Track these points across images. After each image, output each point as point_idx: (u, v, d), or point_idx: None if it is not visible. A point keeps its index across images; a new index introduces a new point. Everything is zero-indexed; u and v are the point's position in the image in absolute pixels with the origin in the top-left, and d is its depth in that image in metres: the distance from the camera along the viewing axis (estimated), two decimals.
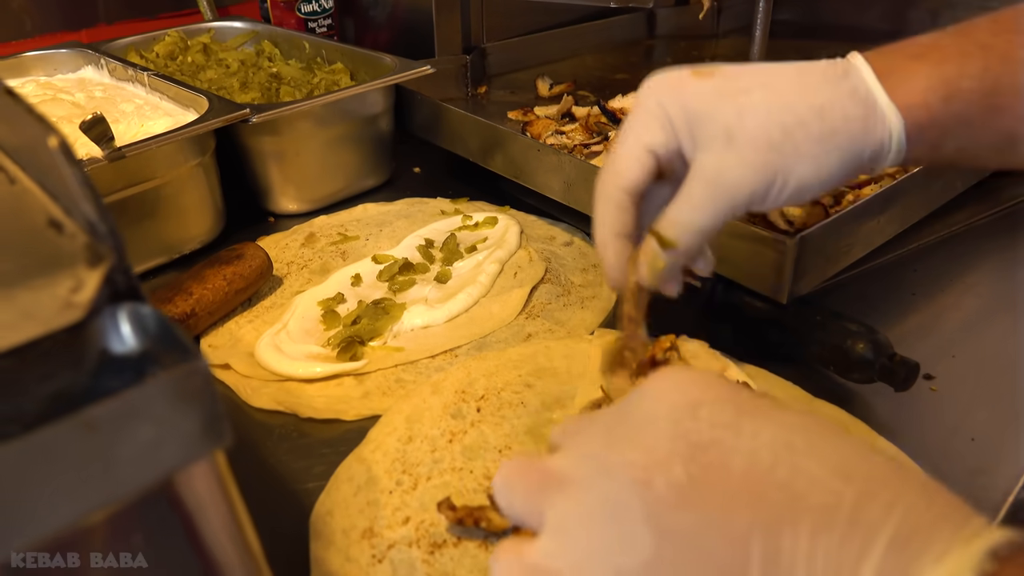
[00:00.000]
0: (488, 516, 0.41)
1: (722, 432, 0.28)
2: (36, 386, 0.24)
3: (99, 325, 0.25)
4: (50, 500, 0.21)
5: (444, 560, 0.41)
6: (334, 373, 0.56)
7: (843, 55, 0.42)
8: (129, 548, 0.25)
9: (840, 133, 0.38)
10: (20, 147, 0.33)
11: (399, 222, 0.78)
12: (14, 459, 0.21)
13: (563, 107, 0.87)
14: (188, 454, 0.24)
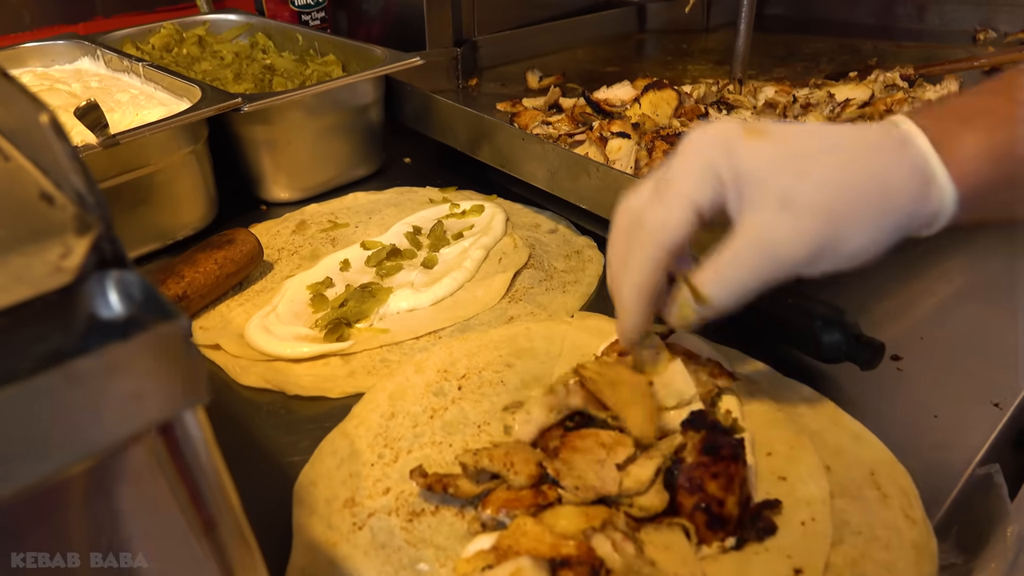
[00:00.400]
0: (456, 483, 0.43)
1: None
2: (28, 345, 0.25)
3: (87, 290, 0.27)
4: (42, 445, 0.23)
5: (422, 527, 0.43)
6: (321, 353, 0.58)
7: (832, 51, 0.44)
8: (115, 503, 0.26)
9: (898, 206, 0.39)
10: (15, 128, 0.35)
11: (388, 210, 0.79)
12: (8, 405, 0.22)
13: (550, 98, 0.89)
14: (169, 408, 0.26)
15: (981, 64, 0.93)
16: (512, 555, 0.38)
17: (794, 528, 0.42)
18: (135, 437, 0.25)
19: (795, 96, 0.83)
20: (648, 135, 0.71)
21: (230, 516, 0.29)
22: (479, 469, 0.43)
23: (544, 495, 0.42)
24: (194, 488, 0.27)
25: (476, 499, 0.43)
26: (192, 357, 0.26)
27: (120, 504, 0.26)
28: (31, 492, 0.23)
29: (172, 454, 0.27)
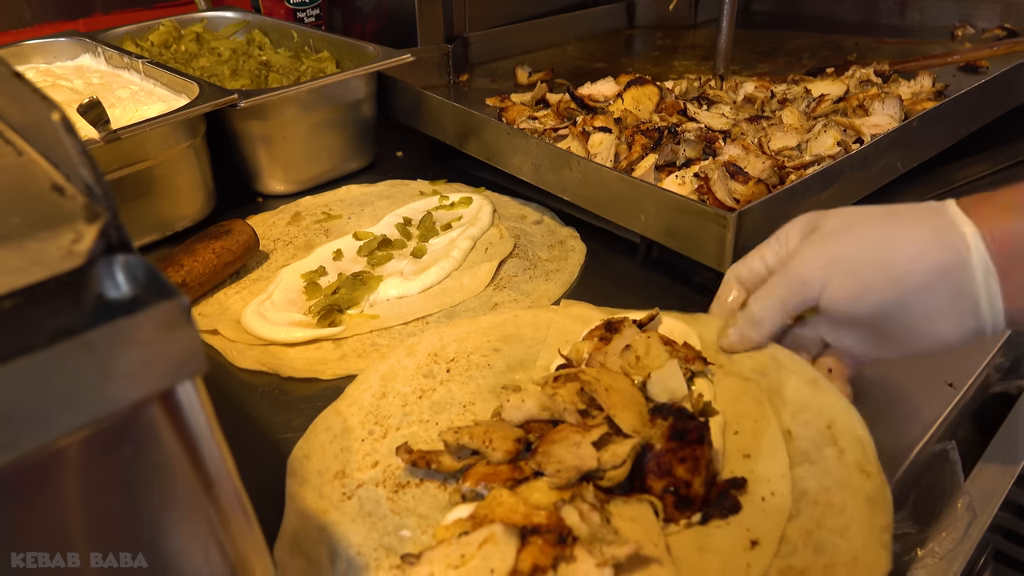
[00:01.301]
0: (439, 459, 0.46)
1: None
2: (43, 321, 0.28)
3: (96, 273, 0.30)
4: (59, 407, 0.26)
5: (407, 498, 0.46)
6: (314, 338, 0.61)
7: (814, 46, 0.48)
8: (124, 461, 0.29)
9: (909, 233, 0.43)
10: (27, 124, 0.38)
11: (380, 202, 0.82)
12: (27, 373, 0.25)
13: (537, 94, 0.92)
14: (171, 377, 0.29)
15: (955, 60, 0.96)
16: (487, 523, 0.41)
17: (755, 504, 0.44)
18: (141, 402, 0.28)
19: (773, 92, 0.86)
20: (629, 130, 0.74)
21: (226, 478, 0.32)
22: (460, 446, 0.46)
23: (520, 470, 0.45)
24: (194, 450, 0.30)
25: (458, 473, 0.46)
26: (191, 332, 0.29)
27: (128, 462, 0.29)
28: (51, 449, 0.26)
29: (174, 418, 0.30)
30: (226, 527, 0.32)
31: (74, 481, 0.28)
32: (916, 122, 0.70)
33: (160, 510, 0.30)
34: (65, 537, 0.28)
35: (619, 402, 0.47)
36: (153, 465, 0.29)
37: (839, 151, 0.70)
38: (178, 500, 0.30)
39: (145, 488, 0.29)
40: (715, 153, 0.73)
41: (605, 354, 0.52)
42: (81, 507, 0.28)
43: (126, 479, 0.29)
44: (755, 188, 0.64)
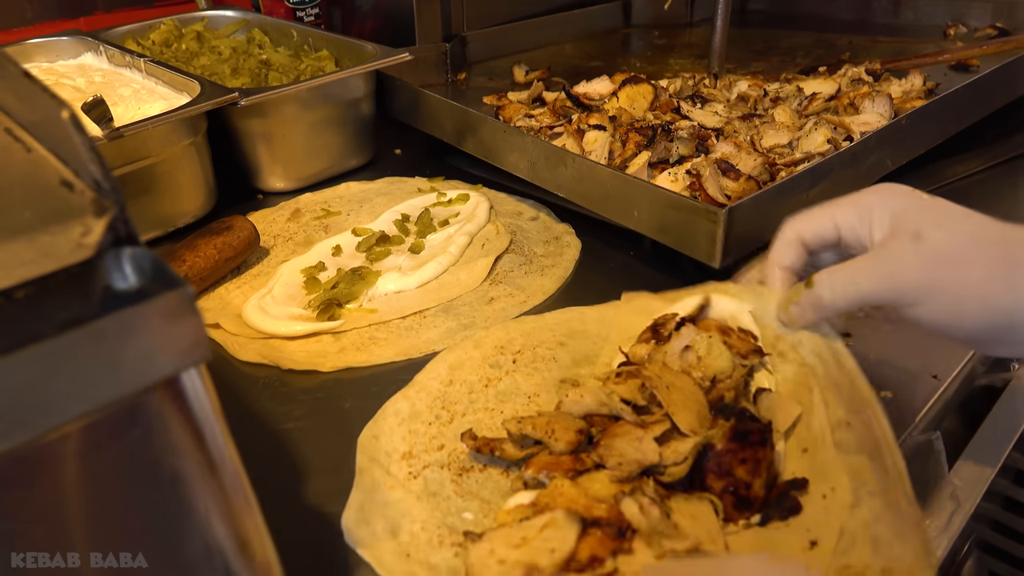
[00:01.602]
0: (502, 447, 0.47)
1: None
2: (54, 311, 0.30)
3: (105, 264, 0.31)
4: (70, 392, 0.27)
5: (470, 482, 0.47)
6: (313, 331, 0.62)
7: (808, 45, 0.48)
8: (132, 445, 0.31)
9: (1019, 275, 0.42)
10: (35, 122, 0.39)
11: (379, 199, 0.84)
12: (42, 358, 0.27)
13: (533, 92, 0.93)
14: (177, 364, 0.30)
15: (946, 59, 0.97)
16: (548, 511, 0.42)
17: (816, 503, 0.43)
18: (148, 389, 0.29)
19: (766, 90, 0.87)
20: (623, 127, 0.76)
21: (229, 462, 0.34)
22: (523, 435, 0.47)
23: (581, 461, 0.45)
24: (199, 434, 0.32)
25: (520, 462, 0.47)
26: (196, 321, 0.30)
27: (137, 445, 0.30)
28: (62, 434, 0.28)
29: (180, 404, 0.31)
30: (229, 509, 0.33)
31: (86, 462, 0.29)
32: (905, 120, 0.72)
33: (167, 492, 0.31)
34: (77, 515, 0.29)
35: (679, 400, 0.47)
36: (161, 448, 0.31)
37: (829, 148, 0.71)
38: (184, 482, 0.32)
39: (153, 470, 0.31)
40: (708, 150, 0.74)
41: (665, 354, 0.52)
42: (93, 487, 0.30)
43: (136, 461, 0.30)
44: (746, 185, 0.65)
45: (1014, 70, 0.86)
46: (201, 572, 0.33)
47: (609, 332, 0.60)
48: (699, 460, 0.45)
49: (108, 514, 0.30)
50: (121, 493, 0.31)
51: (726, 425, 0.46)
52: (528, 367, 0.57)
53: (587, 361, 0.57)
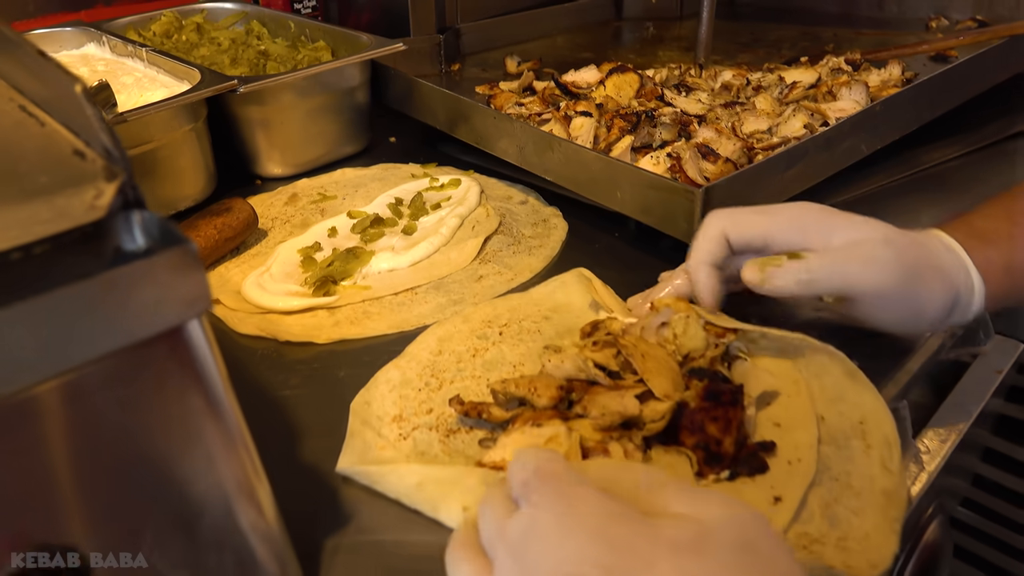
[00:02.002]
0: (488, 409, 0.50)
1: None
2: (67, 268, 0.33)
3: (115, 225, 0.34)
4: (86, 336, 0.30)
5: (457, 442, 0.50)
6: (309, 306, 0.65)
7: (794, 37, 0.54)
8: (141, 387, 0.33)
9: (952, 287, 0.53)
10: (48, 98, 0.42)
11: (373, 184, 0.86)
12: (61, 303, 0.29)
13: (524, 82, 0.96)
14: (182, 314, 0.33)
15: (924, 50, 1.00)
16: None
17: (782, 466, 0.47)
18: (157, 335, 0.32)
19: (748, 79, 0.90)
20: (609, 114, 0.78)
21: (228, 408, 0.36)
22: (508, 395, 0.50)
23: (565, 415, 0.48)
24: (202, 379, 0.34)
25: (505, 423, 0.50)
26: (199, 275, 0.33)
27: (147, 388, 0.33)
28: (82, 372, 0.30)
29: (184, 351, 0.34)
30: (230, 450, 0.36)
31: (102, 401, 0.32)
32: (879, 106, 0.74)
33: (176, 431, 0.34)
34: (94, 448, 0.32)
35: (653, 368, 0.50)
36: (168, 391, 0.34)
37: (805, 133, 0.74)
38: (189, 423, 0.34)
39: (162, 411, 0.33)
40: (690, 136, 0.77)
41: (643, 328, 0.55)
42: (108, 426, 0.32)
43: (146, 402, 0.33)
44: (724, 167, 0.68)
45: (988, 59, 0.88)
46: (208, 509, 0.36)
47: (587, 305, 0.63)
48: (674, 418, 0.48)
49: (124, 450, 0.33)
50: (135, 431, 0.33)
51: (700, 385, 0.49)
52: (514, 339, 0.59)
53: (570, 333, 0.60)
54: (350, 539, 0.45)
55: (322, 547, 0.45)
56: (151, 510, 0.34)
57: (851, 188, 0.81)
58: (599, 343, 0.53)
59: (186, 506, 0.35)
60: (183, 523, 0.35)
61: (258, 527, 0.38)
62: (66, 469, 0.32)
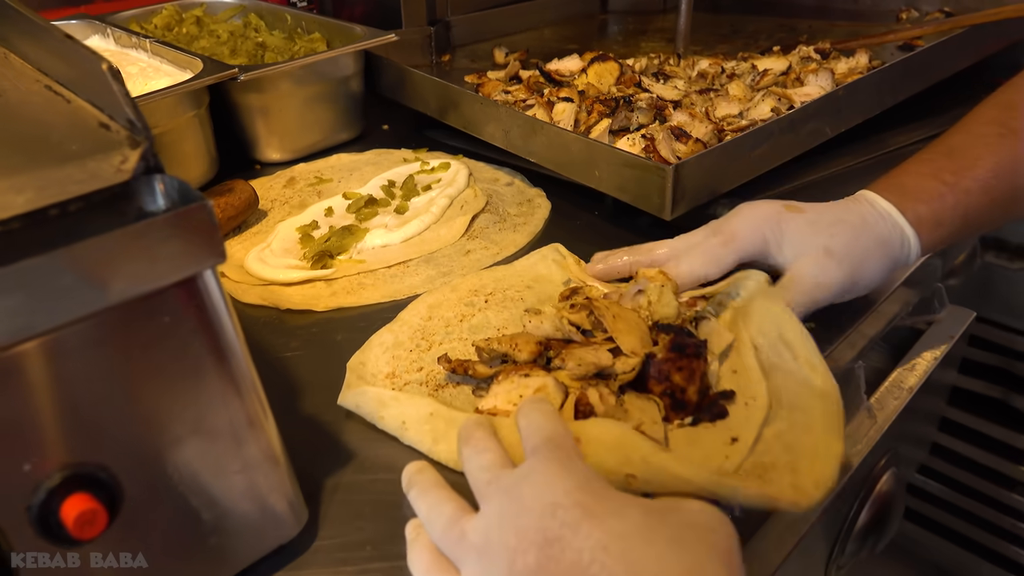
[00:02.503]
0: (474, 367, 0.55)
1: (567, 531, 0.36)
2: (97, 225, 0.37)
3: (139, 187, 0.38)
4: (120, 279, 0.35)
5: (445, 395, 0.55)
6: (308, 278, 0.70)
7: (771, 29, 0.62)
8: (161, 329, 0.38)
9: (890, 254, 0.58)
10: (73, 78, 0.46)
11: (367, 168, 0.91)
12: (93, 251, 0.34)
13: (510, 71, 1.00)
14: (199, 264, 0.37)
15: (890, 39, 1.05)
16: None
17: (740, 409, 0.51)
18: (177, 283, 0.37)
19: (723, 68, 0.95)
20: (589, 100, 0.83)
21: (239, 351, 0.41)
22: (491, 352, 0.55)
23: (544, 369, 0.53)
24: (214, 324, 0.39)
25: (489, 380, 0.54)
26: (214, 230, 0.37)
27: (167, 330, 0.37)
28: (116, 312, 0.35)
29: (200, 297, 0.38)
30: (240, 386, 0.41)
31: (132, 337, 0.36)
32: (842, 91, 0.79)
33: (193, 367, 0.39)
34: (124, 378, 0.36)
35: (623, 328, 0.55)
36: (185, 333, 0.38)
37: (772, 116, 0.79)
38: (205, 360, 0.39)
39: (181, 350, 0.38)
40: (665, 120, 0.82)
41: (621, 295, 0.60)
42: (137, 359, 0.37)
43: (166, 343, 0.37)
44: (694, 147, 0.73)
45: (950, 48, 0.93)
46: (222, 438, 0.40)
47: (566, 277, 0.67)
48: (644, 369, 0.52)
49: (150, 381, 0.37)
50: (161, 365, 0.38)
51: (666, 339, 0.53)
52: (498, 306, 0.64)
53: (550, 300, 0.65)
54: (348, 478, 0.50)
55: (322, 486, 0.49)
56: (173, 437, 0.39)
57: (820, 168, 0.86)
58: (576, 306, 0.58)
59: (203, 435, 0.40)
60: (200, 450, 0.40)
61: (267, 459, 0.43)
62: (101, 395, 0.36)
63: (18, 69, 0.51)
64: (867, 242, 0.58)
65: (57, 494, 0.35)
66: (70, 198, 0.36)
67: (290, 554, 0.45)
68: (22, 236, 0.34)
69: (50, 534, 0.35)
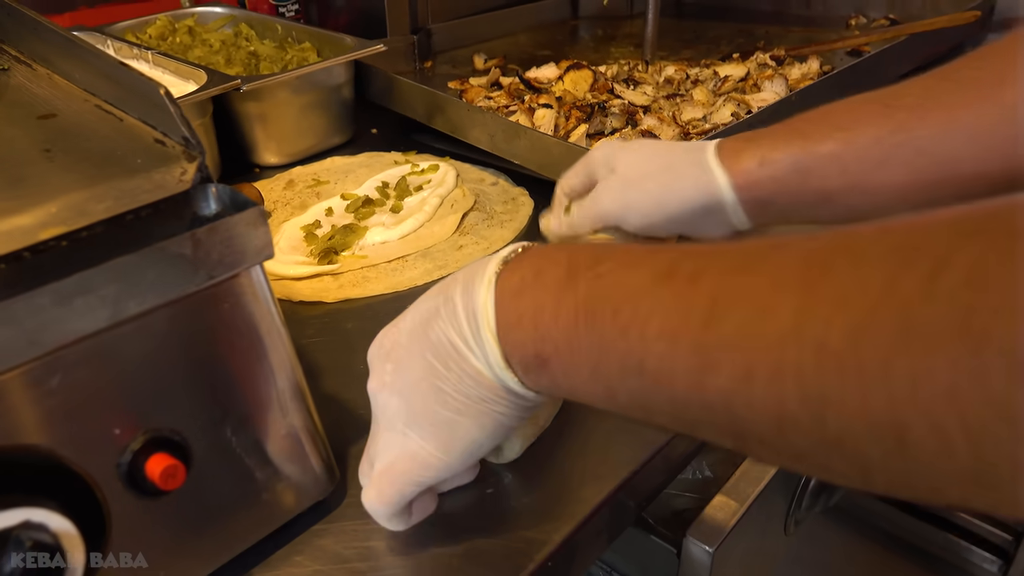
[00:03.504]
0: None
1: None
2: (159, 229, 0.44)
3: (197, 195, 0.45)
4: (192, 272, 0.41)
5: None
6: (316, 273, 0.76)
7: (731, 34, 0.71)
8: (220, 315, 0.45)
9: (681, 185, 0.56)
10: (122, 97, 0.52)
11: (361, 170, 0.98)
12: (173, 249, 0.40)
13: (491, 78, 1.07)
14: (254, 258, 0.44)
15: (840, 46, 1.14)
16: None
17: None
18: (237, 273, 0.44)
19: (688, 74, 1.03)
20: (567, 106, 0.91)
21: (283, 331, 0.48)
22: None
23: None
24: (264, 310, 0.46)
25: None
26: (266, 229, 0.44)
27: (227, 315, 0.44)
28: (187, 300, 0.42)
29: (252, 288, 0.45)
30: (285, 361, 0.48)
31: (196, 323, 0.43)
32: (795, 96, 0.88)
33: (248, 345, 0.45)
34: (192, 356, 0.43)
35: None
36: (242, 318, 0.45)
37: (732, 120, 0.87)
38: (257, 340, 0.46)
39: (239, 332, 0.45)
40: (636, 123, 0.89)
41: None
42: (203, 340, 0.44)
43: (227, 327, 0.44)
44: None
45: (893, 54, 1.03)
46: (271, 406, 0.47)
47: None
48: None
49: (214, 357, 0.44)
50: (224, 343, 0.45)
51: None
52: None
53: None
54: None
55: (347, 453, 0.56)
56: (232, 406, 0.46)
57: None
58: None
59: (256, 404, 0.47)
60: (254, 415, 0.46)
61: (306, 426, 0.50)
62: (175, 370, 0.43)
63: (64, 89, 0.58)
64: (653, 167, 0.58)
65: (141, 454, 0.42)
66: (142, 205, 0.43)
67: (325, 509, 0.52)
68: (106, 238, 0.41)
69: (135, 487, 0.42)
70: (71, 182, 0.44)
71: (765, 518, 0.70)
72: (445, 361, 0.41)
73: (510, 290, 0.39)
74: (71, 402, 0.39)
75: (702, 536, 0.59)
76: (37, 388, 0.38)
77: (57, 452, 0.39)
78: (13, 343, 0.36)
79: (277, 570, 0.48)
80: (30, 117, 0.52)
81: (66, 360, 0.39)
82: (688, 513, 0.66)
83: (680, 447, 0.61)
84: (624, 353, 0.32)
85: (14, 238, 0.39)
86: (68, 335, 0.38)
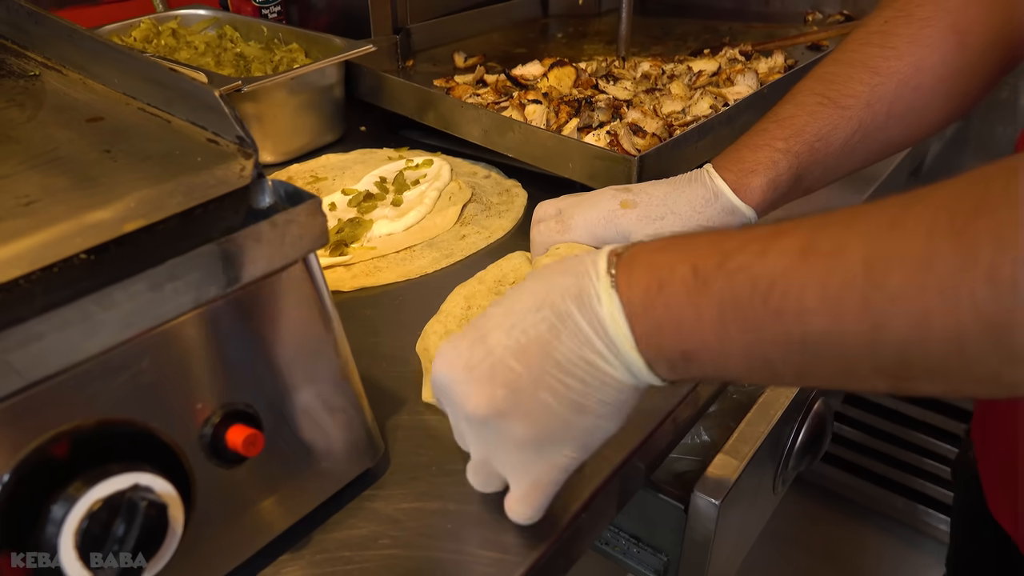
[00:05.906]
0: None
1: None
2: (218, 222, 0.47)
3: (255, 189, 0.49)
4: (261, 259, 0.45)
5: None
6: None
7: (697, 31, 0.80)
8: (283, 300, 0.49)
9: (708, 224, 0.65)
10: (168, 100, 0.56)
11: (356, 166, 1.01)
12: (246, 239, 0.44)
13: (477, 75, 1.12)
14: (311, 245, 0.48)
15: (801, 41, 1.22)
16: None
17: None
18: (297, 259, 0.48)
19: (664, 69, 1.09)
20: (555, 101, 0.96)
21: (334, 313, 0.52)
22: None
23: None
24: (319, 293, 0.50)
25: None
26: (323, 218, 0.48)
27: (289, 298, 0.48)
28: (256, 285, 0.46)
29: (309, 272, 0.49)
30: (337, 342, 0.52)
31: (262, 306, 0.47)
32: (766, 89, 0.95)
33: (305, 327, 0.49)
34: (257, 337, 0.47)
35: None
36: (300, 302, 0.49)
37: (711, 112, 0.93)
38: (312, 322, 0.50)
39: (297, 314, 0.49)
40: (621, 117, 0.95)
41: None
42: (268, 322, 0.48)
43: (287, 310, 0.48)
44: (651, 140, 0.86)
45: None
46: (326, 384, 0.51)
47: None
48: None
49: (279, 339, 0.48)
50: (287, 325, 0.49)
51: None
52: None
53: None
54: (404, 419, 0.62)
55: (385, 425, 0.61)
56: (295, 381, 0.50)
57: None
58: None
59: (314, 380, 0.51)
60: (313, 392, 0.51)
61: (355, 401, 0.54)
62: (245, 349, 0.47)
63: (102, 94, 0.60)
64: (695, 228, 0.64)
65: (220, 426, 0.46)
66: (209, 199, 0.47)
67: (372, 477, 0.56)
68: (182, 230, 0.45)
69: (216, 455, 0.46)
70: (139, 180, 0.47)
71: (757, 479, 0.77)
72: (582, 378, 0.41)
73: (639, 304, 0.39)
74: (160, 380, 0.43)
75: (708, 491, 0.65)
76: (132, 367, 0.42)
77: (150, 425, 0.43)
78: (112, 325, 0.40)
79: (334, 532, 0.53)
80: (78, 121, 0.55)
81: (154, 341, 0.43)
82: (689, 474, 0.72)
83: (686, 412, 0.67)
84: (781, 334, 0.33)
85: (100, 231, 0.43)
86: (158, 318, 0.42)
